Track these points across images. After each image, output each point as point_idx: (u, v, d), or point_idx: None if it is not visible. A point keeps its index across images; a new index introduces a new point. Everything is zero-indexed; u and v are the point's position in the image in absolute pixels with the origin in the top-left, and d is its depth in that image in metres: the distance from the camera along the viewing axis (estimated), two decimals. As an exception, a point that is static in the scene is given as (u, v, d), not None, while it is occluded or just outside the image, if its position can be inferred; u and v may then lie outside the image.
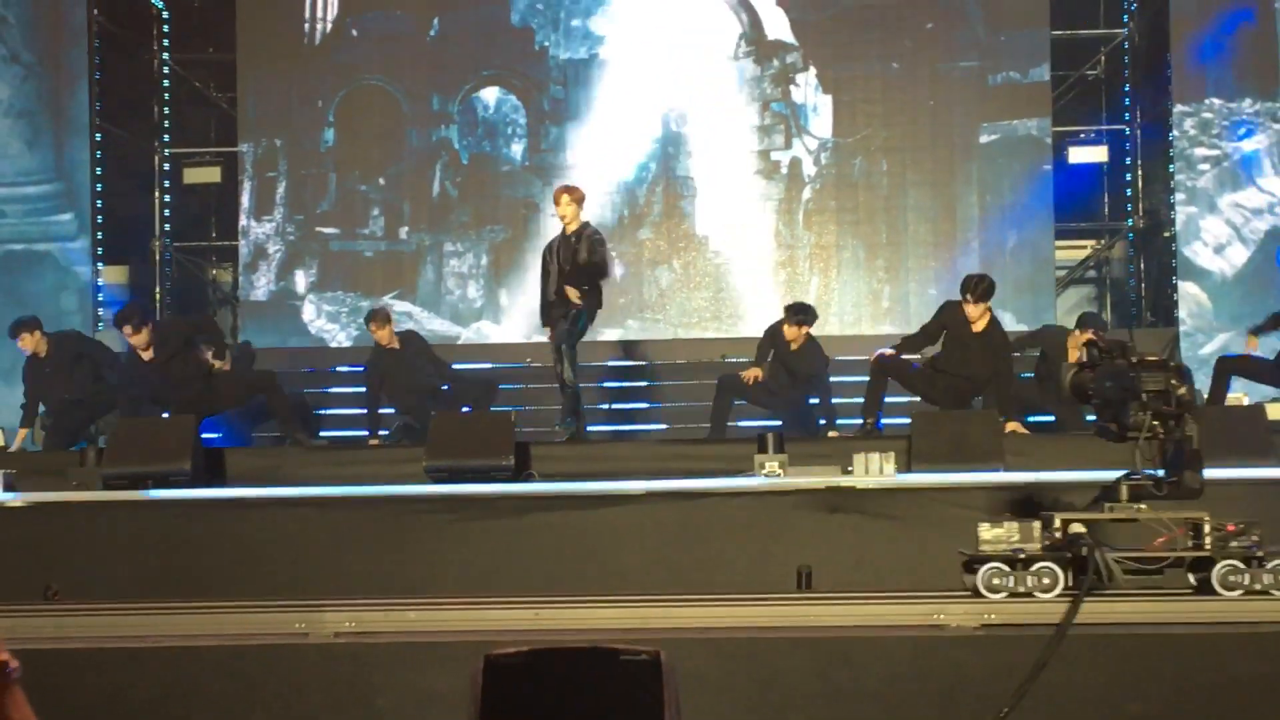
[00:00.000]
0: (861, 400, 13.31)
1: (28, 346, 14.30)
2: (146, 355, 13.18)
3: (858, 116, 18.47)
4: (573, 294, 12.87)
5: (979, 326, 12.86)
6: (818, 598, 8.16)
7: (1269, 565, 7.53)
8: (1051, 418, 14.18)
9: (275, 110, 18.88)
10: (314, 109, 18.83)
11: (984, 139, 18.17)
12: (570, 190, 13.24)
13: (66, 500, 10.51)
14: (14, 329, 14.44)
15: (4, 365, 17.16)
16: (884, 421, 13.44)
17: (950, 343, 13.01)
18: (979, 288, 12.80)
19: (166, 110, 19.32)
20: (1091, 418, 14.03)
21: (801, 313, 14.24)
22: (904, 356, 13.24)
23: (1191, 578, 7.76)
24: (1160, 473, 7.82)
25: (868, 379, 13.20)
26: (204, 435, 12.89)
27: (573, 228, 13.06)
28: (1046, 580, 7.57)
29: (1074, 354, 14.33)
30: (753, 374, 14.08)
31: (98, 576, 9.44)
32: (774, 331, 14.33)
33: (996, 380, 12.85)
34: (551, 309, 13.07)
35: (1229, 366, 13.79)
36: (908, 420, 12.05)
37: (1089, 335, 14.45)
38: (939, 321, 13.19)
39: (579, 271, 12.98)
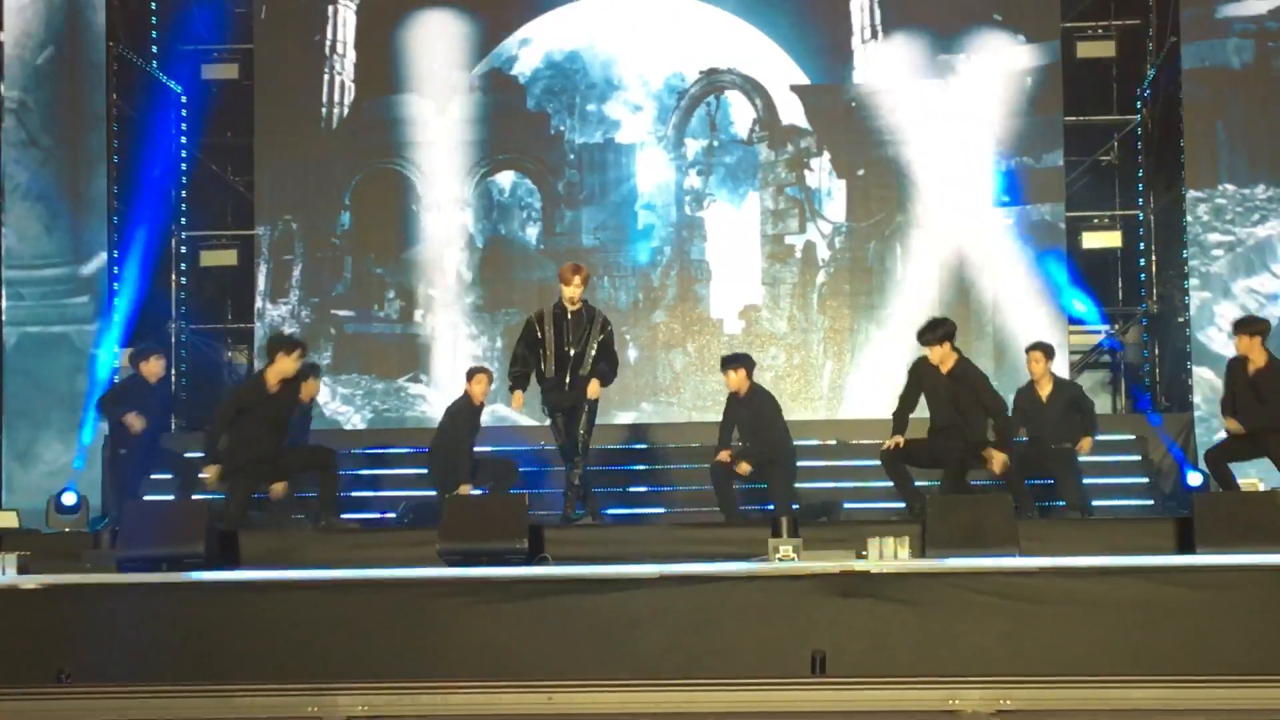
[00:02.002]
0: (880, 485, 13.26)
1: (153, 372, 14.38)
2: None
3: (872, 201, 18.56)
4: (595, 390, 12.85)
5: (946, 368, 12.90)
6: (832, 682, 8.13)
7: None
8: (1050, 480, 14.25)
9: (292, 193, 19.01)
10: (330, 192, 18.96)
11: (997, 224, 18.22)
12: (581, 269, 13.20)
13: (79, 582, 10.49)
14: (144, 352, 14.61)
15: (19, 448, 17.24)
16: (893, 505, 13.43)
17: (930, 398, 13.03)
18: (928, 333, 12.88)
19: (184, 194, 19.43)
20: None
21: (731, 362, 14.17)
22: (904, 438, 13.14)
23: None
24: None
25: (888, 475, 13.16)
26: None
27: (577, 306, 13.03)
28: None
29: (1041, 380, 14.32)
30: (725, 454, 14.00)
31: (110, 659, 9.42)
32: (728, 401, 14.29)
33: (983, 409, 12.86)
34: (558, 394, 12.97)
35: (1218, 455, 13.67)
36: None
37: (1041, 354, 14.45)
38: (911, 382, 13.20)
39: (605, 361, 12.96)
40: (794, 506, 13.92)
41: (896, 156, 18.52)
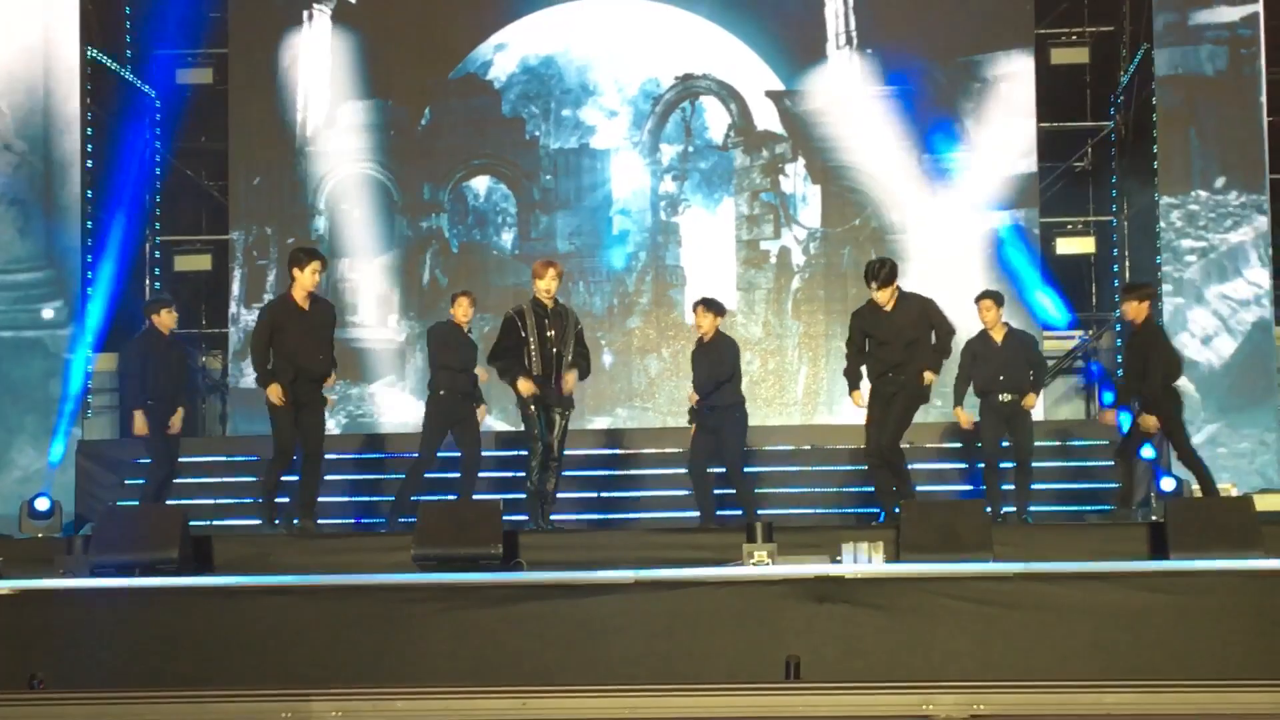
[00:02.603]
0: (854, 490, 13.25)
1: (165, 324, 14.44)
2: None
3: (846, 206, 18.61)
4: (571, 383, 12.88)
5: (893, 305, 13.01)
6: (806, 687, 8.13)
7: None
8: None
9: (266, 198, 18.98)
10: (305, 197, 18.94)
11: (972, 229, 18.26)
12: (555, 264, 13.16)
13: (53, 588, 10.46)
14: (155, 304, 14.75)
15: (-3, 444, 17.21)
16: (868, 510, 13.45)
17: (879, 341, 13.05)
18: (881, 272, 12.93)
19: (158, 198, 19.39)
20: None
21: (709, 305, 14.16)
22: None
23: None
24: None
25: (874, 480, 13.18)
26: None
27: (553, 304, 13.01)
28: None
29: (994, 328, 14.27)
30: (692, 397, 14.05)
31: (84, 665, 9.40)
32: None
33: (936, 330, 12.96)
34: (544, 391, 12.89)
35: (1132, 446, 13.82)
36: (896, 509, 12.04)
37: (991, 302, 14.41)
38: (856, 329, 13.23)
39: (582, 356, 13.00)
40: (745, 470, 13.97)
41: (871, 162, 18.55)
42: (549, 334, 12.83)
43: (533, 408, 12.81)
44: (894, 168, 18.49)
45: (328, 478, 16.33)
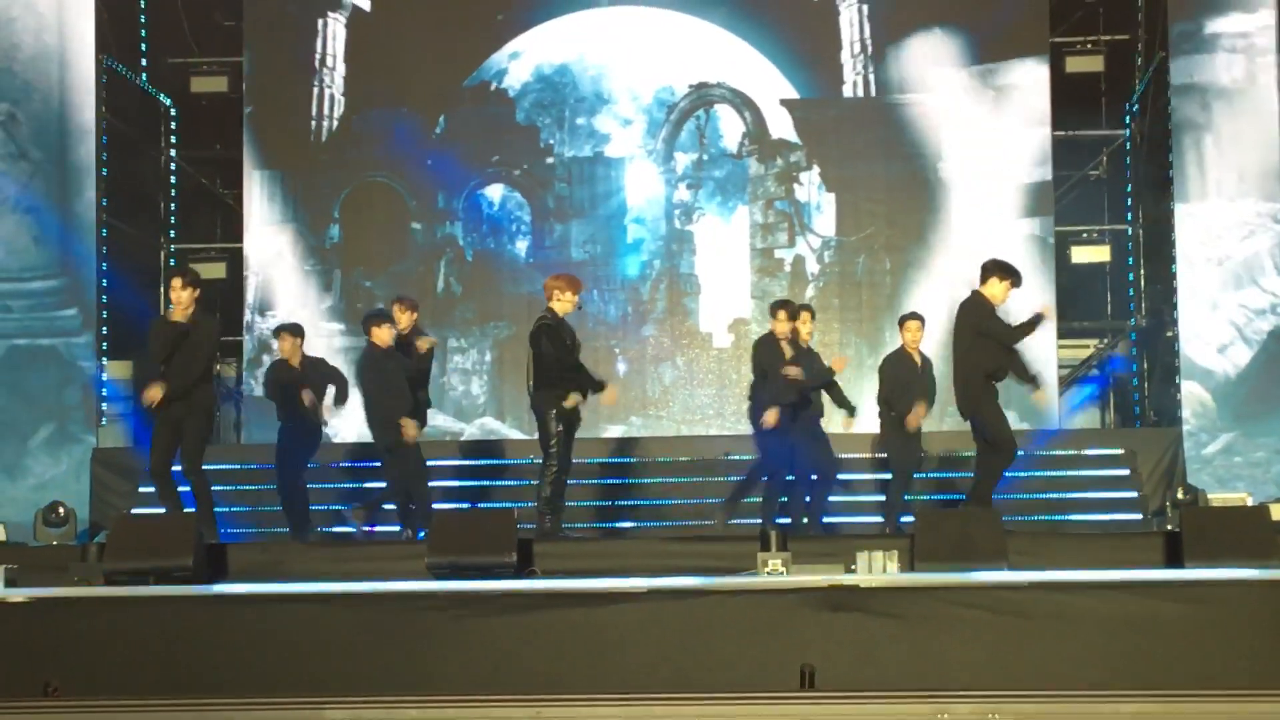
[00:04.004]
0: (867, 498, 13.27)
1: (285, 351, 14.44)
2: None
3: (861, 215, 18.59)
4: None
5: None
6: (821, 697, 8.12)
7: None
8: None
9: (281, 207, 18.99)
10: (319, 205, 18.95)
11: (987, 238, 18.22)
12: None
13: (67, 596, 10.46)
14: (277, 330, 14.92)
15: (6, 460, 17.20)
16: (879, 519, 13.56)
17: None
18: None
19: (173, 206, 19.42)
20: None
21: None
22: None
23: None
24: None
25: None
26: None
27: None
28: None
29: (785, 345, 14.16)
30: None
31: (98, 673, 9.39)
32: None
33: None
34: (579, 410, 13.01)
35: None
36: (911, 518, 12.03)
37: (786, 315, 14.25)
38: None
39: None
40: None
41: (885, 171, 18.54)
42: (578, 350, 12.96)
43: (559, 424, 12.82)
44: (909, 176, 18.48)
45: (342, 486, 16.42)
